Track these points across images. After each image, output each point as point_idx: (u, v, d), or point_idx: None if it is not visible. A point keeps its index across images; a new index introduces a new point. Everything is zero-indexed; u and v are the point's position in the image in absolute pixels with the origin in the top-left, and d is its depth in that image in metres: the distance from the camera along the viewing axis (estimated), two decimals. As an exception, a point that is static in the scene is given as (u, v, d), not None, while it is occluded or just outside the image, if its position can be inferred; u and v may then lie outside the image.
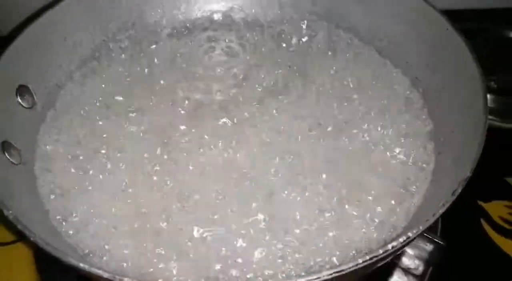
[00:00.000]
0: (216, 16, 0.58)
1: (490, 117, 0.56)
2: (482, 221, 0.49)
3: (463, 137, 0.39)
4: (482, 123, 0.36)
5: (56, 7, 0.48)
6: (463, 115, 0.41)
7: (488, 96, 0.58)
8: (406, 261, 0.44)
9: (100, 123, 0.47)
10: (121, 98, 0.50)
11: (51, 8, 0.48)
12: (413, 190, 0.41)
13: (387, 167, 0.43)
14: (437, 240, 0.42)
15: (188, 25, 0.57)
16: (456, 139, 0.40)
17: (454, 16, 0.45)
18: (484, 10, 0.69)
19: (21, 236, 0.48)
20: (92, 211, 0.41)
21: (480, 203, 0.51)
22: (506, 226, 0.49)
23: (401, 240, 0.29)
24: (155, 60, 0.54)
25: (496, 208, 0.50)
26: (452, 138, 0.41)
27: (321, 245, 0.38)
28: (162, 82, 0.52)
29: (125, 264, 0.37)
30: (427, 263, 0.43)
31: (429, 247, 0.43)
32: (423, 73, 0.48)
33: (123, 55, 0.54)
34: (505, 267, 0.47)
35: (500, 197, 0.51)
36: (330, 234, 0.38)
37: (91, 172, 0.43)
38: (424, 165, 0.43)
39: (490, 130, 0.56)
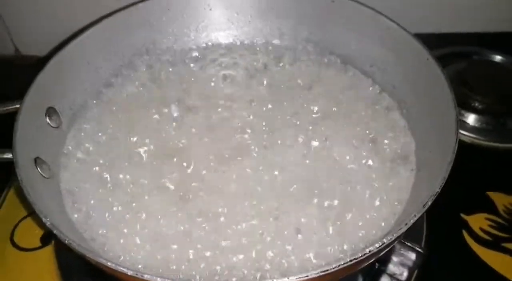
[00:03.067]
0: (224, 43, 0.64)
1: (473, 135, 0.63)
2: (464, 232, 0.52)
3: (438, 157, 0.44)
4: (452, 146, 0.41)
5: (78, 38, 0.54)
6: (439, 137, 0.46)
7: (472, 115, 0.65)
8: (391, 267, 0.48)
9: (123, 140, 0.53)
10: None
11: (75, 38, 0.54)
12: (395, 203, 0.46)
13: (371, 180, 0.48)
14: (418, 249, 0.47)
15: (197, 51, 0.63)
16: (432, 158, 0.46)
17: (443, 40, 0.50)
18: (472, 34, 0.74)
19: (45, 243, 0.52)
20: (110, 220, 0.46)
21: (463, 215, 0.54)
22: (487, 237, 0.52)
23: (377, 245, 0.34)
24: (168, 83, 0.59)
25: (477, 220, 0.53)
26: (430, 157, 0.47)
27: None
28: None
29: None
30: (411, 269, 0.48)
31: (412, 255, 0.47)
32: (408, 97, 0.54)
33: (138, 78, 0.60)
34: (485, 276, 0.50)
35: (482, 210, 0.54)
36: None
37: (112, 187, 0.49)
38: (405, 182, 0.48)
39: (473, 148, 0.62)
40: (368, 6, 0.56)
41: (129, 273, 0.32)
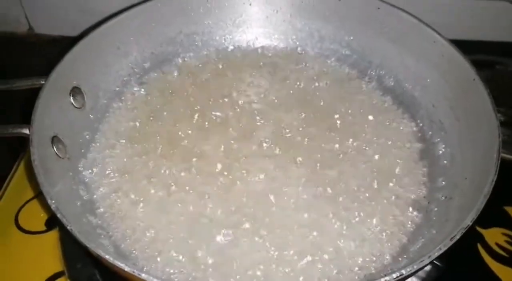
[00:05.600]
0: (259, 41, 0.61)
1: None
2: (479, 246, 0.50)
3: (473, 185, 0.41)
4: (491, 176, 0.38)
5: (112, 20, 0.53)
6: (476, 164, 0.42)
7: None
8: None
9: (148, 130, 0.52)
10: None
11: (109, 20, 0.53)
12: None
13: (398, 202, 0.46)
14: (434, 261, 0.44)
15: (232, 46, 0.61)
16: (467, 186, 0.42)
17: (465, 47, 0.47)
18: (495, 43, 0.70)
19: (50, 227, 0.52)
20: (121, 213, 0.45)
21: (479, 229, 0.52)
22: (502, 253, 0.50)
23: (394, 276, 0.31)
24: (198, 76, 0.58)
25: (493, 235, 0.51)
26: (464, 184, 0.43)
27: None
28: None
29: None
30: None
31: (427, 267, 0.44)
32: (447, 118, 0.50)
33: (169, 68, 0.59)
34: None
35: (498, 224, 0.52)
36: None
37: (133, 177, 0.47)
38: (433, 207, 0.45)
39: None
40: (415, 16, 0.52)
41: (126, 269, 0.31)
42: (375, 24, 0.56)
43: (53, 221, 0.52)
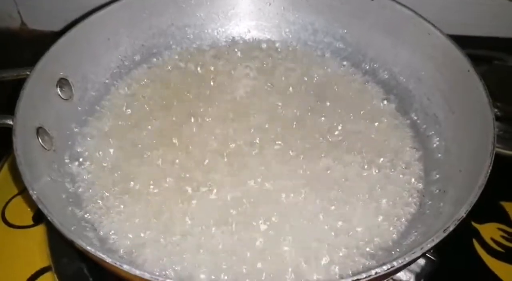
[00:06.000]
0: (252, 34, 0.61)
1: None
2: (474, 241, 0.50)
3: (467, 178, 0.40)
4: (486, 168, 0.37)
5: (103, 10, 0.52)
6: (471, 157, 0.41)
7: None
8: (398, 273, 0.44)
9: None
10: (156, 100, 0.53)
11: (99, 10, 0.52)
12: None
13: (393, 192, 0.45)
14: (429, 255, 0.43)
15: (224, 40, 0.60)
16: (461, 179, 0.41)
17: (462, 42, 0.46)
18: (493, 38, 0.70)
19: (37, 221, 0.51)
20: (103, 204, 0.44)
21: (475, 224, 0.52)
22: (498, 248, 0.49)
23: (385, 267, 0.30)
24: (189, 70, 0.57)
25: (489, 230, 0.51)
26: (458, 177, 0.42)
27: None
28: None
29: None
30: (418, 276, 0.44)
31: (421, 261, 0.43)
32: (442, 110, 0.50)
33: (160, 61, 0.58)
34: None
35: (494, 220, 0.52)
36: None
37: (121, 170, 0.46)
38: (427, 200, 0.44)
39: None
40: (410, 8, 0.52)
41: (108, 260, 0.30)
42: (369, 17, 0.55)
43: (40, 216, 0.51)
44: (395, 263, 0.30)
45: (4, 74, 0.47)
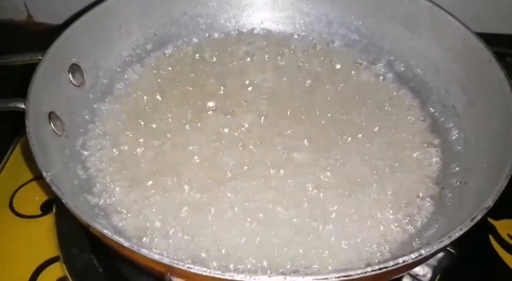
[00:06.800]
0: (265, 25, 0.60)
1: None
2: (491, 237, 0.49)
3: (491, 168, 0.39)
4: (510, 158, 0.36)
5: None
6: (494, 148, 0.40)
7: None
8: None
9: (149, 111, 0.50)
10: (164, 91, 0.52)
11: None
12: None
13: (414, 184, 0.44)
14: (449, 248, 0.42)
15: (236, 30, 0.59)
16: (483, 170, 0.40)
17: None
18: (506, 36, 0.69)
19: (45, 211, 0.50)
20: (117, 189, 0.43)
21: (491, 220, 0.51)
22: None
23: (412, 256, 0.29)
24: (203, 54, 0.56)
25: (505, 226, 0.50)
26: (481, 168, 0.41)
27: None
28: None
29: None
30: (436, 270, 0.43)
31: (440, 254, 0.42)
32: (460, 102, 0.49)
33: (172, 50, 0.57)
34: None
35: (510, 216, 0.51)
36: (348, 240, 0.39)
37: (132, 159, 0.45)
38: (447, 192, 0.43)
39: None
40: (428, -2, 0.51)
41: (126, 244, 0.29)
42: (386, 8, 0.54)
43: (49, 205, 0.50)
44: (423, 251, 0.29)
45: (15, 58, 0.46)
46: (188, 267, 0.28)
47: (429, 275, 0.41)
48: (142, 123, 0.49)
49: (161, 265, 0.29)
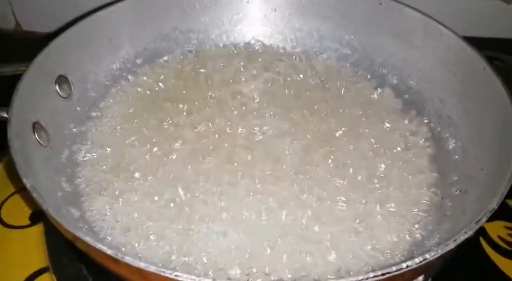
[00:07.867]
0: (257, 40, 0.59)
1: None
2: (482, 239, 0.48)
3: (492, 174, 0.37)
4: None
5: (105, 10, 0.50)
6: (492, 152, 0.39)
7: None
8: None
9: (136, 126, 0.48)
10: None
11: (102, 9, 0.50)
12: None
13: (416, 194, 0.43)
14: None
15: (228, 46, 0.59)
16: (483, 177, 0.39)
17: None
18: (493, 39, 0.69)
19: (34, 221, 0.48)
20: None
21: None
22: (505, 246, 0.48)
23: (416, 260, 0.28)
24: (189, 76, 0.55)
25: (496, 228, 0.49)
26: (481, 175, 0.40)
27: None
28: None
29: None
30: (428, 273, 0.40)
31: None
32: (455, 111, 0.48)
33: (162, 65, 0.56)
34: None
35: (501, 218, 0.50)
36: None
37: (119, 173, 0.44)
38: (447, 202, 0.41)
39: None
40: (419, 10, 0.51)
41: (108, 252, 0.27)
42: (377, 21, 0.54)
43: (38, 215, 0.48)
44: (427, 256, 0.28)
45: (3, 69, 0.45)
46: (176, 276, 0.26)
47: (421, 279, 0.39)
48: (130, 139, 0.47)
49: (147, 273, 0.26)
